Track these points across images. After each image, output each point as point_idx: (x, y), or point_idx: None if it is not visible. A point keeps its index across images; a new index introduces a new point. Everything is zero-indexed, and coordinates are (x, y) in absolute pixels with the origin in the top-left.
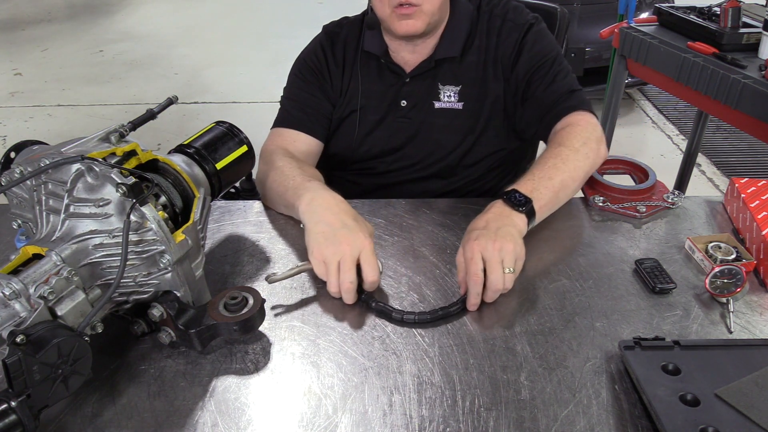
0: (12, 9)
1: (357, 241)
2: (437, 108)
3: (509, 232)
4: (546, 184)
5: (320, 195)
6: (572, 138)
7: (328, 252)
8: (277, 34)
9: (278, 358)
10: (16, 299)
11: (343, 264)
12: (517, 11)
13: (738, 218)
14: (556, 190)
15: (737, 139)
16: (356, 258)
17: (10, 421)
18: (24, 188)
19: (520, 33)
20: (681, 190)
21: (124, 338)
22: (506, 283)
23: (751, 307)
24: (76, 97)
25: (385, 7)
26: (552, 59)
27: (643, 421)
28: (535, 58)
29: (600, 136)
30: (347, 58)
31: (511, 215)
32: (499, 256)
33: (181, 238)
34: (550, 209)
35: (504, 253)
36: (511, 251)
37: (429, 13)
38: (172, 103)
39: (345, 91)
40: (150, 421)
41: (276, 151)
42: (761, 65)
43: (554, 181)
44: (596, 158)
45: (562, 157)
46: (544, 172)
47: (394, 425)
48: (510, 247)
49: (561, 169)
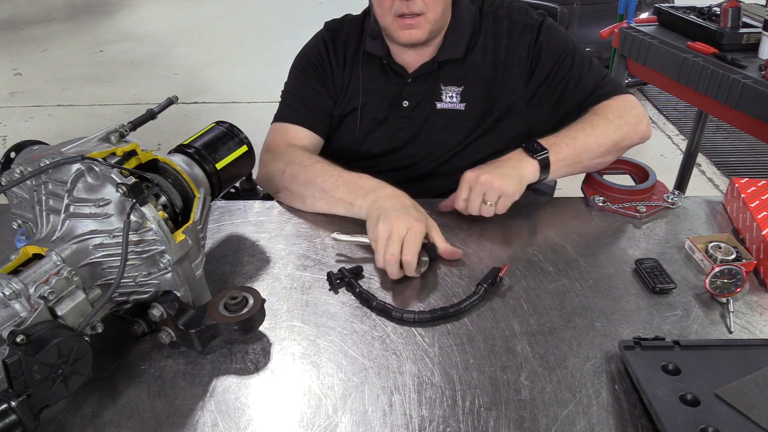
0: (12, 9)
1: (406, 220)
2: (439, 108)
3: (505, 173)
4: (568, 141)
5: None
6: (608, 110)
7: (381, 227)
8: (277, 34)
9: (278, 358)
10: (16, 299)
11: (390, 238)
12: (521, 11)
13: (738, 218)
14: (577, 150)
15: (737, 139)
16: (403, 236)
17: (10, 421)
18: (24, 188)
19: (532, 34)
20: (681, 190)
21: (124, 338)
22: (483, 212)
23: (751, 307)
24: (76, 97)
25: (387, 15)
26: (571, 53)
27: (643, 421)
28: (553, 58)
29: (641, 113)
30: (348, 55)
31: (522, 161)
32: (482, 189)
33: (181, 238)
34: (568, 166)
35: (487, 187)
36: (497, 188)
37: (432, 21)
38: (172, 103)
39: (346, 87)
40: (150, 421)
41: (291, 148)
42: (761, 65)
43: (577, 140)
44: (632, 133)
45: (592, 123)
46: (569, 132)
47: (394, 425)
48: (497, 183)
49: (587, 132)
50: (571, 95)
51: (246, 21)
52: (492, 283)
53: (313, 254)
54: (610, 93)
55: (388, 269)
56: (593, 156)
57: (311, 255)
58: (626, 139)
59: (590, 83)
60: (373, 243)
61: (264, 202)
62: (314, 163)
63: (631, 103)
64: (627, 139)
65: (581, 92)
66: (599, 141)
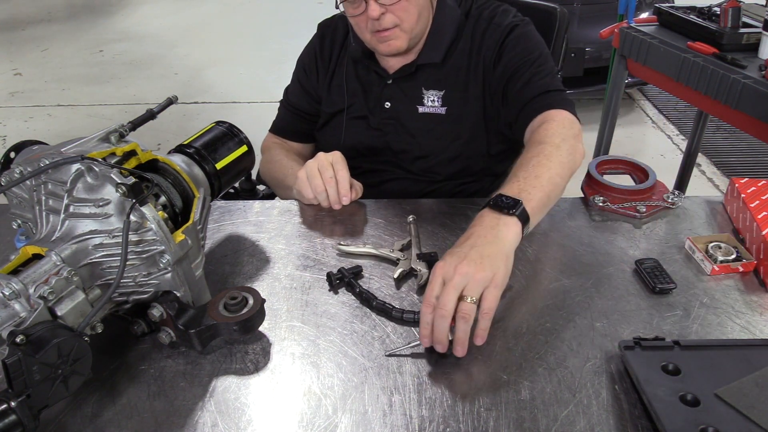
0: (12, 9)
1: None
2: (421, 113)
3: (485, 253)
4: (533, 182)
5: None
6: (550, 134)
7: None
8: (277, 34)
9: (278, 358)
10: (16, 299)
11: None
12: (504, 14)
13: (738, 218)
14: (545, 189)
15: (737, 139)
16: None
17: (10, 421)
18: (24, 188)
19: (501, 35)
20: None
21: (124, 338)
22: (464, 312)
23: (751, 307)
24: (76, 97)
25: (365, 33)
26: (532, 60)
27: (643, 421)
28: (514, 59)
29: (577, 133)
30: (333, 55)
31: (499, 224)
32: (461, 282)
33: (181, 238)
34: (542, 209)
35: (467, 278)
36: (479, 279)
37: (408, 30)
38: (172, 103)
39: (331, 86)
40: (150, 421)
41: (272, 147)
42: (761, 65)
43: (542, 179)
44: (576, 155)
45: (545, 153)
46: (529, 171)
47: (394, 425)
48: (477, 274)
49: (546, 166)
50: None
51: (246, 21)
52: None
53: (313, 254)
54: (549, 105)
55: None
56: (559, 191)
57: (311, 255)
58: (574, 164)
59: (537, 89)
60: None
61: (264, 202)
62: (279, 160)
63: (570, 121)
64: (575, 163)
65: (525, 95)
66: (559, 172)
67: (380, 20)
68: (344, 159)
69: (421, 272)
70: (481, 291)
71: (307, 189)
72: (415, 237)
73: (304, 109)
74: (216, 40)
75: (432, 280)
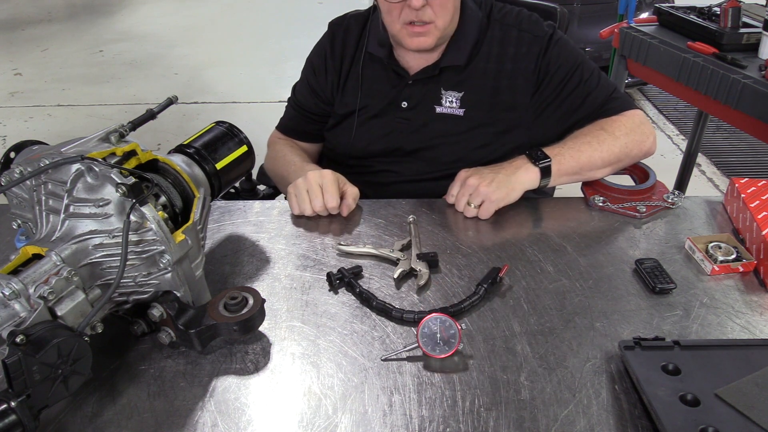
0: (12, 9)
1: (320, 173)
2: (438, 112)
3: (496, 179)
4: (572, 154)
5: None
6: (616, 126)
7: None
8: (277, 34)
9: (278, 358)
10: (16, 299)
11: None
12: (531, 21)
13: (738, 218)
14: (581, 163)
15: (737, 139)
16: (319, 182)
17: (10, 421)
18: (24, 188)
19: (541, 46)
20: (681, 190)
21: (124, 338)
22: (465, 213)
23: (751, 307)
24: (76, 97)
25: (396, 23)
26: (580, 67)
27: (643, 421)
28: (562, 71)
29: (648, 130)
30: (346, 54)
31: (521, 168)
32: (468, 190)
33: (181, 238)
34: (568, 176)
35: (473, 189)
36: (482, 193)
37: (441, 28)
38: (172, 103)
39: (344, 86)
40: (150, 421)
41: (277, 143)
42: (761, 65)
43: (582, 154)
44: (636, 150)
45: (599, 138)
46: (575, 144)
47: (394, 425)
48: (484, 189)
49: (593, 147)
50: (579, 110)
51: (246, 21)
52: (492, 283)
53: (313, 254)
54: (618, 108)
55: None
56: (594, 169)
57: (311, 255)
58: (629, 156)
59: (599, 98)
60: (291, 197)
61: (264, 202)
62: (283, 156)
63: (640, 119)
64: (630, 156)
65: (590, 107)
66: (603, 156)
67: (420, 12)
68: (336, 178)
69: (421, 272)
70: (481, 201)
71: (295, 207)
72: (415, 237)
73: (312, 109)
74: (216, 40)
75: (454, 183)
